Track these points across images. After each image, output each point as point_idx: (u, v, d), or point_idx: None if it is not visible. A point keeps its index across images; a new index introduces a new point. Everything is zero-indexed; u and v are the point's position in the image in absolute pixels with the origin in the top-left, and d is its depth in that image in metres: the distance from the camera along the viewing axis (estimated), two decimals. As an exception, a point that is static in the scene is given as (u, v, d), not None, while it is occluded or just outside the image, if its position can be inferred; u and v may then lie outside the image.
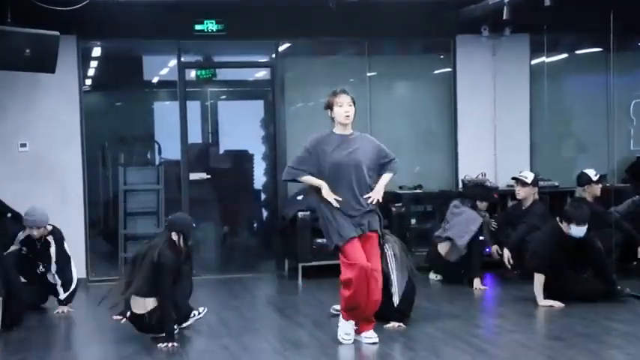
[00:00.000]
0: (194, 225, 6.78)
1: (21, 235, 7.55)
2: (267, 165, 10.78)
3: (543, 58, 9.86)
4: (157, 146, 10.72)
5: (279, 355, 5.92)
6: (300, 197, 9.37)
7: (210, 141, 11.49)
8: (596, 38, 9.87)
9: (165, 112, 8.18)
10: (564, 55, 10.60)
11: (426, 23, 9.27)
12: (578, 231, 7.14)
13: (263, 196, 10.79)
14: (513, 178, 8.80)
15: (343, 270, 5.97)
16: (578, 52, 10.73)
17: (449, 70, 10.09)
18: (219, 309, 7.72)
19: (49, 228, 7.48)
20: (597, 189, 8.49)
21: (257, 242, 10.70)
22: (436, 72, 10.46)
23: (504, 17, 8.43)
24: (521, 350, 5.92)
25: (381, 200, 6.07)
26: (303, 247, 8.89)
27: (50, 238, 7.47)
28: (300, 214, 9.03)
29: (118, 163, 10.14)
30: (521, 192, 8.56)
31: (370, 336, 6.06)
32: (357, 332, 6.12)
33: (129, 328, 6.50)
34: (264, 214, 10.81)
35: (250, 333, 6.55)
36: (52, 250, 7.45)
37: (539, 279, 7.14)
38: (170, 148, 10.24)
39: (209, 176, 10.01)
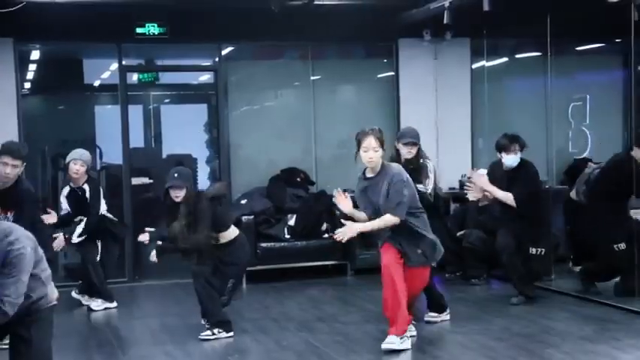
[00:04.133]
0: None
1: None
2: (211, 169, 10.78)
3: (484, 62, 10.05)
4: (98, 150, 10.63)
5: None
6: (244, 201, 9.39)
7: (152, 145, 11.45)
8: (534, 43, 10.09)
9: (106, 116, 8.15)
10: (504, 59, 10.83)
11: (369, 27, 9.36)
12: (510, 160, 7.38)
13: (207, 201, 10.76)
14: (469, 178, 8.88)
15: None
16: (517, 56, 10.97)
17: (392, 73, 10.22)
18: (162, 315, 7.71)
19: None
20: None
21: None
22: (379, 76, 10.58)
23: (445, 22, 8.56)
24: (461, 351, 6.04)
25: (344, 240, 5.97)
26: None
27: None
28: (244, 218, 9.03)
29: (59, 168, 10.01)
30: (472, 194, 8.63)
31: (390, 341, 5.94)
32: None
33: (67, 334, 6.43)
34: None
35: (194, 339, 6.53)
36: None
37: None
38: (112, 153, 10.15)
39: (151, 181, 9.96)
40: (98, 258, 7.91)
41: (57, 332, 6.71)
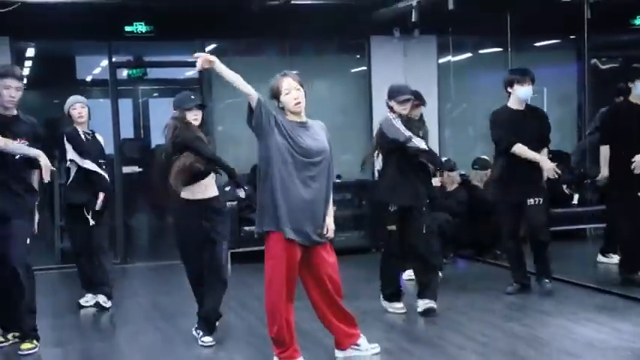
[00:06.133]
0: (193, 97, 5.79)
1: None
2: (197, 158, 10.68)
3: (449, 58, 10.05)
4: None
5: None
6: (227, 188, 9.33)
7: (142, 136, 11.35)
8: (496, 39, 10.11)
9: (98, 110, 8.04)
10: (468, 55, 10.83)
11: (343, 25, 9.32)
12: (524, 92, 6.74)
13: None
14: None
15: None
16: (480, 51, 10.98)
17: (364, 68, 10.19)
18: (152, 294, 7.67)
19: None
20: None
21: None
22: (352, 71, 10.55)
23: (413, 20, 8.56)
24: (427, 326, 6.06)
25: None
26: (232, 234, 8.84)
27: None
28: (227, 203, 8.98)
29: (55, 159, 9.88)
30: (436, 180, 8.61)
31: (370, 346, 5.22)
32: (343, 347, 5.19)
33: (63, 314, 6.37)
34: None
35: (182, 315, 6.50)
36: None
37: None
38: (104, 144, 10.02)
39: (141, 169, 9.89)
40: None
41: (51, 311, 6.73)
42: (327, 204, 4.89)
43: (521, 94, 6.80)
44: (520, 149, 6.72)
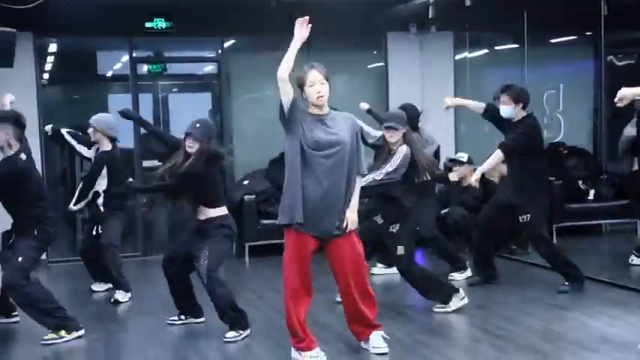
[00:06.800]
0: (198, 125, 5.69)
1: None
2: (215, 152, 10.68)
3: (466, 54, 9.99)
4: (112, 136, 10.52)
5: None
6: (246, 182, 9.35)
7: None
8: (512, 35, 10.05)
9: (118, 104, 8.07)
10: (484, 51, 10.76)
11: (360, 21, 9.29)
12: (502, 111, 6.64)
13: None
14: (451, 160, 8.86)
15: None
16: (496, 48, 10.90)
17: (381, 64, 10.15)
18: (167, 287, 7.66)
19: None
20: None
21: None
22: (369, 66, 10.51)
23: (430, 16, 8.53)
24: (445, 319, 6.01)
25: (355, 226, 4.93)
26: (249, 227, 8.88)
27: None
28: (246, 197, 9.00)
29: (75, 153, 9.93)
30: (460, 171, 8.55)
31: (376, 345, 5.08)
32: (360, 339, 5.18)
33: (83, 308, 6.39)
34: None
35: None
36: None
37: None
38: (124, 138, 10.03)
39: (161, 163, 9.88)
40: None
41: (74, 302, 6.76)
42: (347, 197, 4.85)
43: (501, 113, 6.73)
44: None
